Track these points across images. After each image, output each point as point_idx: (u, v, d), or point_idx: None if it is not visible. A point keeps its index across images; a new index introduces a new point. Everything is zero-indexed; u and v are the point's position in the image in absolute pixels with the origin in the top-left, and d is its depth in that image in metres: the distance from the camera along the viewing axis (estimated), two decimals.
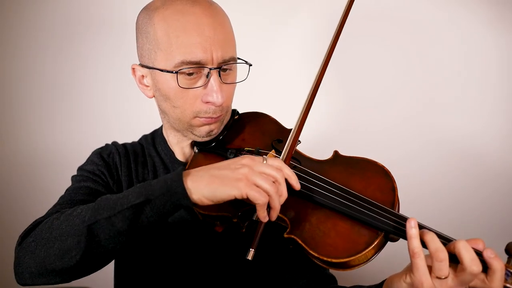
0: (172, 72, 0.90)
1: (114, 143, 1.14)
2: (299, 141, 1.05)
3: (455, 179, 1.60)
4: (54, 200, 1.10)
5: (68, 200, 0.95)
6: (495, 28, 1.53)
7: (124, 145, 1.13)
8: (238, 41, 1.01)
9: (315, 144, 1.03)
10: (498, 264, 0.69)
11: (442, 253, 0.69)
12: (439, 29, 1.57)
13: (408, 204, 0.82)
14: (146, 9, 0.97)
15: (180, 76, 0.91)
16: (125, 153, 1.09)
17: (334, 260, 0.78)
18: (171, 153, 1.10)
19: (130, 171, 1.07)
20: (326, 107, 1.66)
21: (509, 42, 1.54)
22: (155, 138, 1.15)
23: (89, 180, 1.01)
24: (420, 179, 1.59)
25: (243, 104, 1.14)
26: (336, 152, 0.97)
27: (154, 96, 1.01)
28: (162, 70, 0.92)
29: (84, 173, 1.04)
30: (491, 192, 1.58)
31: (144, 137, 1.18)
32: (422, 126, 1.62)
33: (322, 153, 0.99)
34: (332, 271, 1.11)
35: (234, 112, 1.09)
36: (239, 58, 0.98)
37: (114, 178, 1.05)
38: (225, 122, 1.03)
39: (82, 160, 1.19)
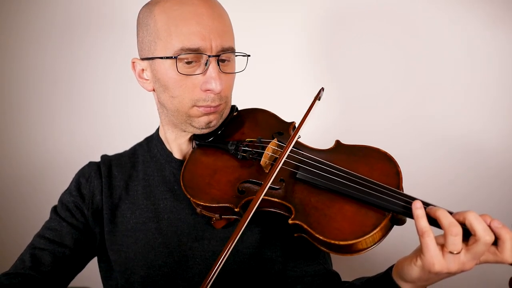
0: (171, 57, 0.91)
1: (103, 158, 1.15)
2: (299, 135, 1.06)
3: (457, 177, 1.59)
4: (54, 202, 1.11)
5: (33, 249, 1.02)
6: (496, 27, 1.53)
7: (110, 160, 1.14)
8: (236, 39, 1.01)
9: (314, 144, 1.02)
10: (507, 233, 0.68)
11: (456, 227, 0.68)
12: (439, 28, 1.57)
13: None
14: (147, 4, 0.99)
15: (179, 64, 0.92)
16: (107, 174, 1.11)
17: (341, 243, 0.77)
18: (168, 153, 1.10)
19: (111, 191, 1.09)
20: (327, 107, 1.66)
21: (510, 41, 1.54)
22: (150, 142, 1.16)
23: (57, 219, 1.06)
24: (421, 178, 1.58)
25: (242, 103, 1.14)
26: (338, 142, 0.97)
27: (153, 90, 1.02)
28: (161, 58, 0.93)
29: (59, 207, 1.09)
30: (492, 191, 1.57)
31: (139, 145, 1.18)
32: (423, 125, 1.61)
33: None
34: (338, 263, 1.11)
35: (233, 108, 1.09)
36: (237, 53, 0.99)
37: (88, 206, 1.08)
38: (224, 115, 1.02)
39: (81, 161, 1.19)
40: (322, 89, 0.97)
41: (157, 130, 1.15)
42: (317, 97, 0.96)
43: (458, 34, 1.56)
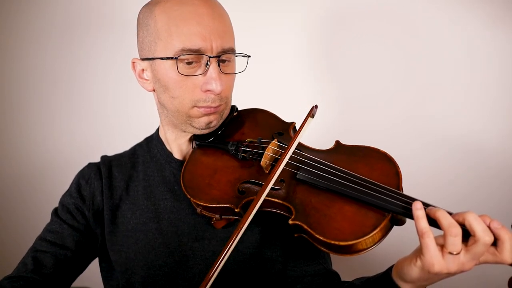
0: (172, 58, 0.91)
1: (103, 159, 1.15)
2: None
3: (457, 177, 1.59)
4: (54, 202, 1.11)
5: (34, 252, 1.03)
6: (496, 27, 1.53)
7: (110, 161, 1.14)
8: (236, 39, 1.01)
9: (314, 144, 1.03)
10: (506, 234, 0.68)
11: (455, 228, 0.69)
12: (439, 28, 1.57)
13: None
14: (148, 4, 0.99)
15: (180, 64, 0.91)
16: (108, 174, 1.11)
17: (341, 243, 0.77)
18: (168, 153, 1.10)
19: (112, 192, 1.09)
20: (326, 107, 1.65)
21: (510, 41, 1.54)
22: (150, 142, 1.15)
23: (58, 222, 1.07)
24: (421, 179, 1.58)
25: (242, 103, 1.14)
26: (338, 142, 0.97)
27: (153, 90, 1.02)
28: (162, 58, 0.92)
29: (59, 209, 1.09)
30: (492, 191, 1.57)
31: (138, 145, 1.18)
32: (423, 126, 1.61)
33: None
34: (337, 262, 1.11)
35: (233, 108, 1.09)
36: (237, 53, 0.99)
37: (89, 208, 1.08)
38: (224, 116, 1.02)
39: (81, 161, 1.19)
40: (316, 106, 0.97)
41: (157, 130, 1.15)
42: (310, 115, 0.95)
43: (458, 34, 1.56)
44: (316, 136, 1.55)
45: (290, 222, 0.83)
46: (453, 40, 1.57)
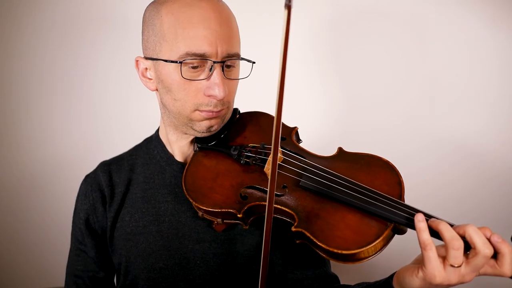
0: (176, 62, 0.90)
1: (102, 166, 1.15)
2: (301, 140, 1.06)
3: (456, 178, 1.60)
4: (55, 203, 1.10)
5: (74, 284, 1.10)
6: (496, 27, 1.54)
7: (109, 166, 1.14)
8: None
9: (316, 145, 1.02)
10: (506, 248, 0.70)
11: (457, 241, 0.69)
12: (440, 28, 1.57)
13: (410, 203, 0.82)
14: (154, 3, 0.97)
15: (183, 68, 0.91)
16: (109, 183, 1.11)
17: (344, 252, 0.78)
18: (169, 155, 1.09)
19: (112, 198, 1.09)
20: (328, 108, 1.66)
21: (510, 41, 1.54)
22: (149, 143, 1.15)
23: (79, 247, 1.11)
24: (421, 179, 1.58)
25: (243, 104, 1.14)
26: (340, 149, 0.97)
27: (156, 89, 1.01)
28: (166, 61, 0.92)
29: (76, 232, 1.12)
30: (492, 191, 1.58)
31: (138, 146, 1.18)
32: (423, 126, 1.62)
33: (325, 154, 0.99)
34: (337, 266, 1.12)
35: (236, 111, 1.08)
36: (242, 58, 0.99)
37: (94, 221, 1.10)
38: (226, 119, 1.02)
39: (82, 161, 1.18)
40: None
41: (157, 131, 1.14)
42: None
43: (458, 34, 1.56)
44: (318, 136, 1.55)
45: (293, 229, 0.83)
46: (453, 40, 1.57)
